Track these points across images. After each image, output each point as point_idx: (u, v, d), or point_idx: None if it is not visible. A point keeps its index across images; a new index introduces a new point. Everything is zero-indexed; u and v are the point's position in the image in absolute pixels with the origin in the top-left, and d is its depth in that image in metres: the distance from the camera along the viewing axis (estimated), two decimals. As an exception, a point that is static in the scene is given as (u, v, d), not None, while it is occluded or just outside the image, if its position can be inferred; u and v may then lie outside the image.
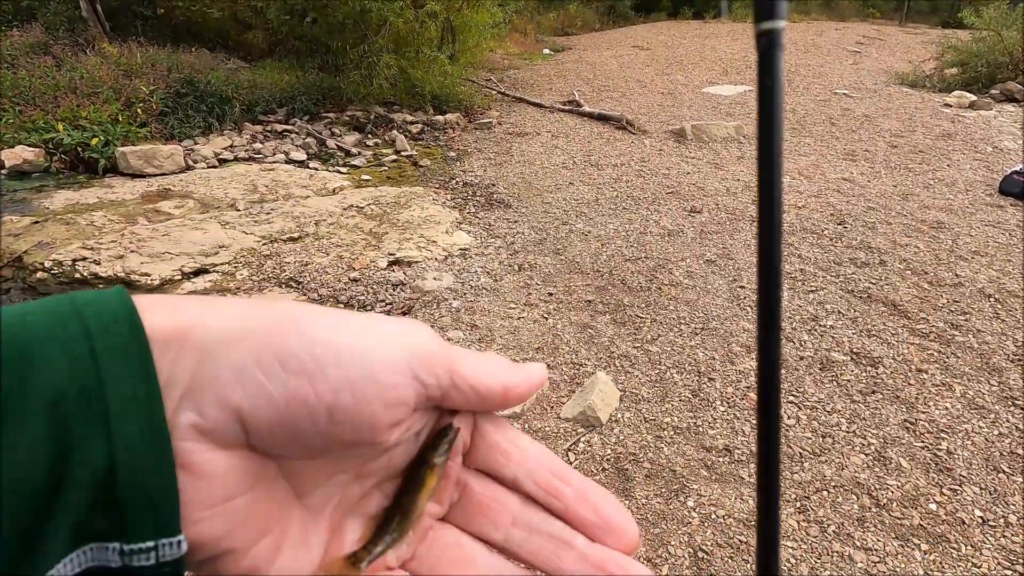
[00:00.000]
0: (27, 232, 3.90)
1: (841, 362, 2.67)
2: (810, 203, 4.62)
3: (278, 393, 0.22)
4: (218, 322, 0.23)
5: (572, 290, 3.40)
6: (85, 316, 0.20)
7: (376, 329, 0.25)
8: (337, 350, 0.24)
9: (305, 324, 0.24)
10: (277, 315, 0.24)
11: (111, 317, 0.21)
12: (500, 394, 0.27)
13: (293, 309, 0.24)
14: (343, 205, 4.56)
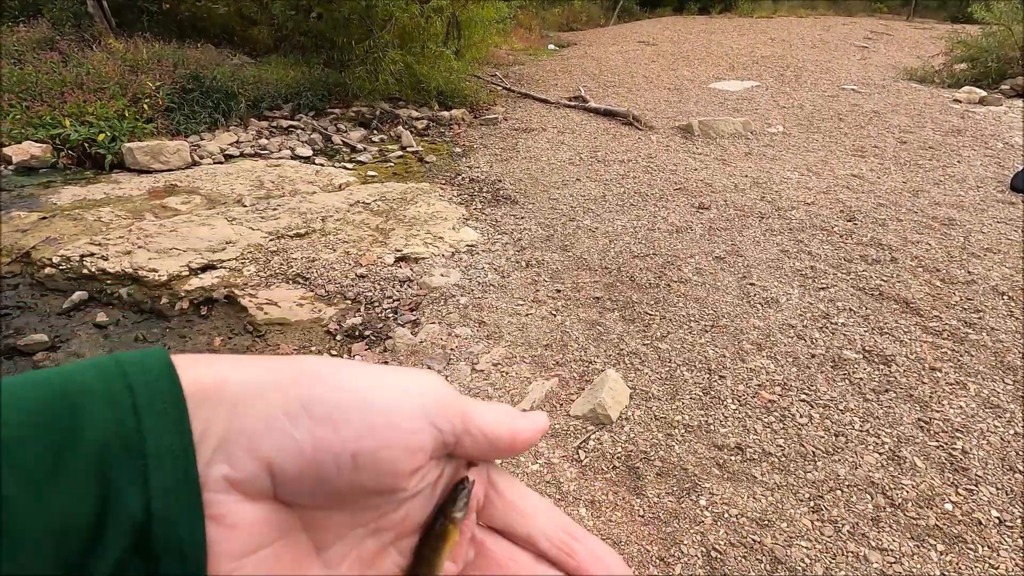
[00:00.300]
0: (35, 228, 3.90)
1: (853, 360, 2.64)
2: (819, 199, 4.58)
3: (305, 441, 0.24)
4: (247, 376, 0.24)
5: (580, 287, 3.38)
6: (129, 373, 0.22)
7: (394, 378, 0.27)
8: (360, 397, 0.25)
9: (328, 374, 0.25)
10: (302, 367, 0.25)
11: (152, 374, 0.23)
12: (508, 440, 0.29)
13: (316, 361, 0.26)
14: (349, 201, 4.54)
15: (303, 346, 2.94)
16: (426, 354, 2.81)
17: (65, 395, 0.21)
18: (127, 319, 3.23)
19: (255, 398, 0.24)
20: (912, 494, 1.94)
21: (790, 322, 2.95)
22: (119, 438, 0.21)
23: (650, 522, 1.89)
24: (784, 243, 3.85)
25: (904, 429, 2.24)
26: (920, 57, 10.36)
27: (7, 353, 2.96)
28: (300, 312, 3.20)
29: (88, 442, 0.20)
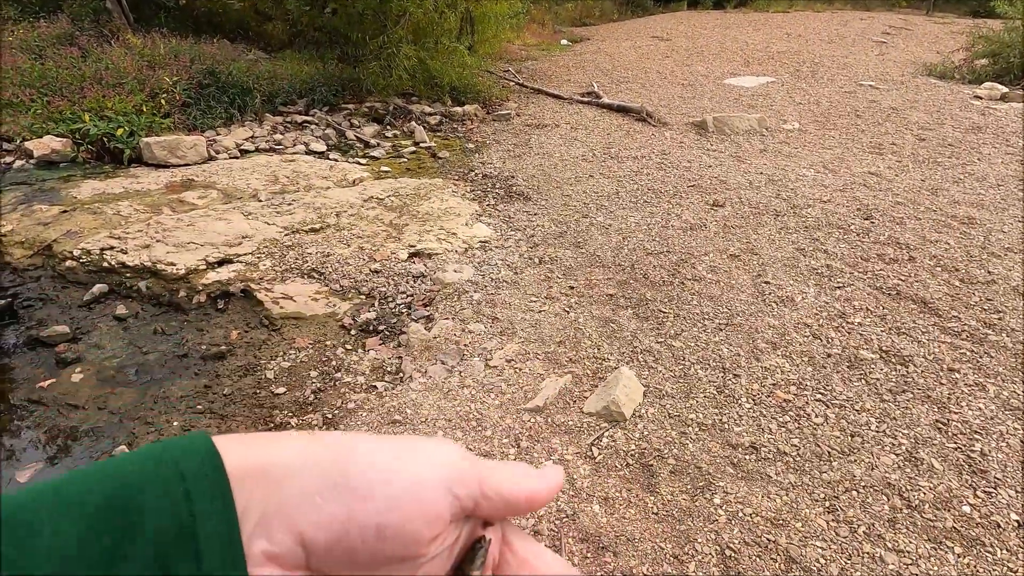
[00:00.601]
0: (56, 221, 3.96)
1: (870, 360, 2.62)
2: (835, 197, 4.54)
3: (336, 516, 0.26)
4: (283, 457, 0.27)
5: (594, 284, 3.38)
6: (179, 460, 0.25)
7: (414, 450, 0.29)
8: (386, 473, 0.28)
9: (357, 451, 0.28)
10: (333, 445, 0.28)
11: (199, 460, 0.25)
12: (525, 501, 0.31)
13: (345, 439, 0.29)
14: (363, 197, 4.57)
15: (317, 340, 2.97)
16: (439, 349, 2.82)
17: (126, 486, 0.24)
18: (146, 312, 3.28)
19: (291, 479, 0.26)
20: (929, 496, 1.93)
21: (805, 321, 2.93)
22: (175, 525, 0.23)
23: (664, 520, 1.89)
24: (800, 241, 3.81)
25: (921, 430, 2.22)
26: (940, 52, 10.19)
27: (30, 344, 3.01)
28: (315, 306, 3.23)
29: (148, 532, 0.23)
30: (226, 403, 2.59)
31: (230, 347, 2.96)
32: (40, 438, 2.49)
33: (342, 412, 2.48)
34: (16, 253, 3.70)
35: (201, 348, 2.97)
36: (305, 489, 0.26)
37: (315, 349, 2.91)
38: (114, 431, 2.49)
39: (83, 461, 2.36)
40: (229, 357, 2.90)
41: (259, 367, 2.80)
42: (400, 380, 2.64)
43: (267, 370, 2.77)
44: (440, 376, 2.64)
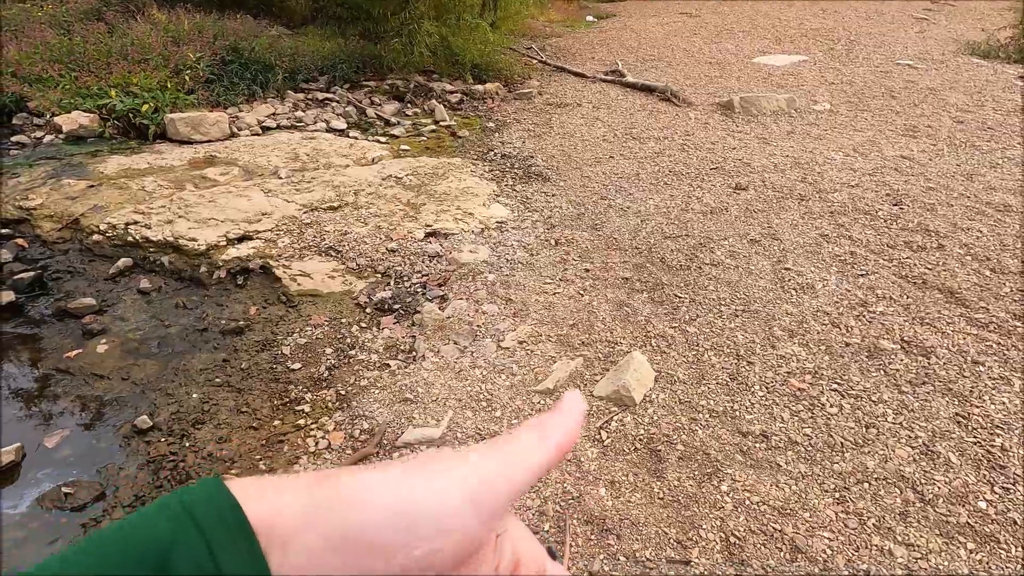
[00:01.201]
0: (83, 196, 4.06)
1: (890, 350, 2.56)
2: (864, 182, 4.39)
3: (350, 568, 0.26)
4: (294, 508, 0.26)
5: (609, 267, 3.35)
6: (196, 516, 0.25)
7: (426, 476, 0.28)
8: (397, 512, 0.27)
9: (362, 494, 0.27)
10: (337, 491, 0.27)
11: (217, 513, 0.25)
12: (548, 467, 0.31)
13: (355, 482, 0.28)
14: (382, 175, 4.57)
15: (333, 317, 3.01)
16: (453, 330, 2.84)
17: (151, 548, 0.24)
18: (168, 286, 3.36)
19: (300, 533, 0.26)
20: (944, 490, 1.89)
21: (825, 309, 2.87)
22: None
23: (669, 505, 1.89)
24: (824, 227, 3.72)
25: (940, 423, 2.16)
26: (985, 30, 9.70)
27: (59, 315, 3.11)
28: (332, 284, 3.27)
29: None
30: (243, 377, 2.65)
31: (248, 322, 3.02)
32: (68, 406, 2.58)
33: (355, 389, 2.52)
34: (45, 226, 3.80)
35: (220, 323, 3.03)
36: (316, 548, 0.26)
37: (331, 326, 2.95)
38: (136, 401, 2.57)
39: (108, 430, 2.45)
40: (247, 332, 2.96)
41: (276, 343, 2.85)
42: (413, 359, 2.67)
43: (283, 346, 2.82)
44: (452, 356, 2.66)
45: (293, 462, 2.18)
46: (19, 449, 2.29)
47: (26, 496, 2.16)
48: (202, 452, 2.27)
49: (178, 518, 0.25)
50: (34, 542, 2.00)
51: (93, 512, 2.09)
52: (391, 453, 2.17)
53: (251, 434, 2.35)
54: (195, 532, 0.24)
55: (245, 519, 0.25)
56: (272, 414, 2.45)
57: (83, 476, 2.23)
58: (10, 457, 2.24)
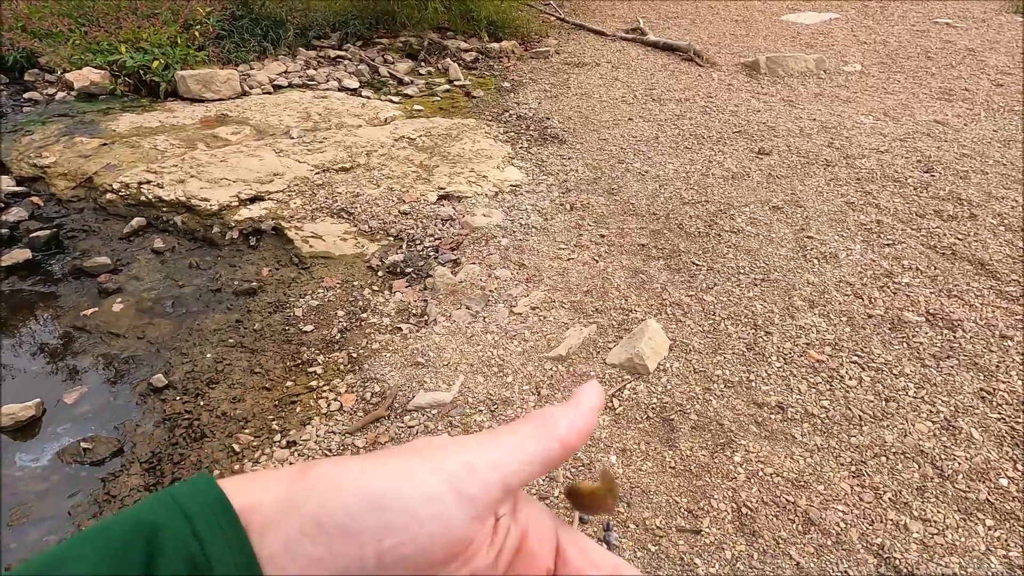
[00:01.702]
0: (96, 154, 4.03)
1: (915, 323, 2.48)
2: (894, 147, 4.22)
3: (325, 555, 0.26)
4: (271, 498, 0.27)
5: (625, 233, 3.27)
6: (183, 505, 0.26)
7: (407, 461, 0.28)
8: (372, 500, 0.26)
9: (342, 483, 0.27)
10: (314, 480, 0.27)
11: (204, 501, 0.26)
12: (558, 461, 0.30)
13: (332, 471, 0.28)
14: (394, 136, 4.48)
15: (345, 280, 2.99)
16: (465, 294, 2.81)
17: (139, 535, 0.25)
18: (182, 246, 3.35)
19: (276, 524, 0.26)
20: (964, 466, 1.85)
21: (848, 279, 2.78)
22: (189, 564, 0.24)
23: (681, 474, 1.88)
24: (850, 194, 3.58)
25: (963, 398, 2.11)
26: (1032, -14, 9.13)
27: (75, 273, 3.13)
28: (344, 247, 3.24)
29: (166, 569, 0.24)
30: (256, 338, 2.66)
31: (261, 284, 3.02)
32: (85, 363, 2.62)
33: (367, 352, 2.51)
34: (60, 184, 3.80)
35: (233, 284, 3.03)
36: (292, 536, 0.26)
37: (343, 289, 2.93)
38: (152, 360, 2.60)
39: (124, 388, 2.48)
40: (260, 293, 2.95)
41: (288, 304, 2.85)
42: (424, 323, 2.65)
43: (296, 307, 2.81)
44: (464, 321, 2.64)
45: (305, 423, 2.19)
46: (39, 405, 2.33)
47: (47, 450, 2.21)
48: (216, 411, 2.30)
49: (166, 506, 0.26)
50: (55, 495, 2.05)
51: (111, 467, 2.14)
52: (402, 416, 2.17)
53: (264, 395, 2.37)
54: (181, 517, 0.25)
55: (230, 506, 0.26)
56: (285, 375, 2.46)
57: (101, 432, 2.27)
58: (30, 412, 2.28)
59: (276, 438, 2.14)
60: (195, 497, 0.26)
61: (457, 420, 2.14)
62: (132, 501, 1.99)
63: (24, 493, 2.06)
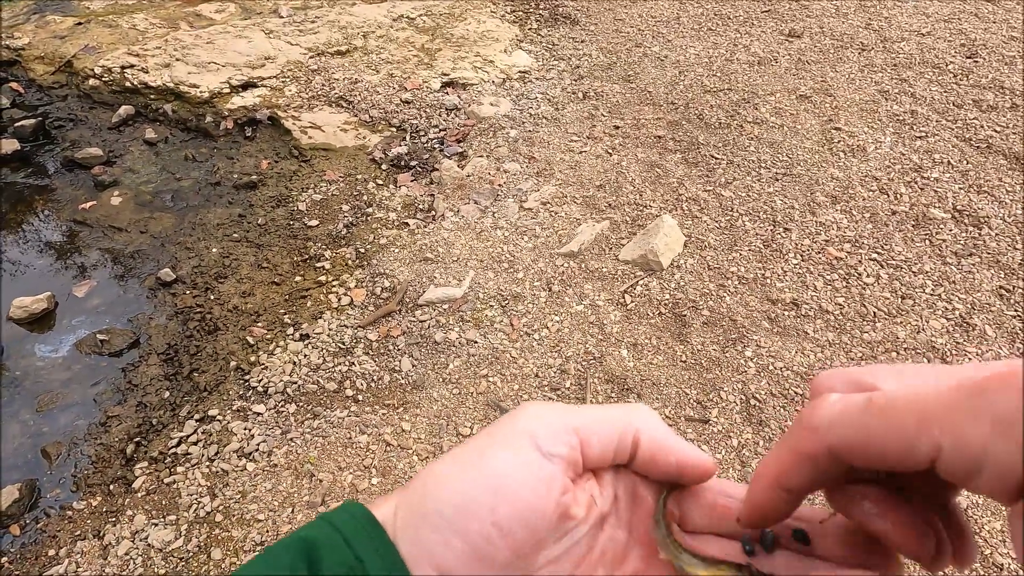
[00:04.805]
0: (72, 35, 3.74)
1: (940, 220, 2.40)
2: (937, 29, 3.87)
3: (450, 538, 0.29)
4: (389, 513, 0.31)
5: (641, 124, 3.09)
6: (334, 522, 0.30)
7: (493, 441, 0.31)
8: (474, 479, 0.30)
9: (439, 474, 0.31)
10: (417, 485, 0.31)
11: (351, 517, 0.30)
12: None
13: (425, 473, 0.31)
14: (393, 15, 4.12)
15: (348, 173, 2.88)
16: (473, 188, 2.71)
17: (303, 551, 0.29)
18: (175, 136, 3.20)
19: (403, 529, 0.30)
20: (974, 361, 1.86)
21: (875, 174, 2.66)
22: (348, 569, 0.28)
23: (691, 368, 1.90)
24: (884, 82, 3.34)
25: (981, 296, 2.08)
26: None
27: (68, 165, 3.02)
28: (344, 138, 3.09)
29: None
30: (261, 233, 2.61)
31: (261, 177, 2.91)
32: (90, 258, 2.59)
33: (374, 247, 2.47)
34: (38, 69, 3.56)
35: (233, 177, 2.93)
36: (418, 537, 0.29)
37: (346, 183, 2.83)
38: (157, 254, 2.57)
39: (133, 282, 2.47)
40: (261, 187, 2.86)
41: (291, 198, 2.76)
42: (432, 218, 2.58)
43: (299, 202, 2.73)
44: (473, 216, 2.56)
45: (317, 317, 2.20)
46: (50, 298, 2.33)
47: (64, 342, 2.25)
48: (227, 305, 2.30)
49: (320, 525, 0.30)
50: (79, 383, 2.11)
51: (130, 358, 2.18)
52: (413, 311, 2.17)
53: (274, 289, 2.36)
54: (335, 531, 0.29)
55: (374, 518, 0.30)
56: (293, 270, 2.43)
57: (116, 324, 2.29)
58: (42, 305, 2.29)
59: (289, 331, 2.15)
60: (343, 515, 0.30)
61: (468, 315, 2.14)
62: (154, 391, 2.04)
63: (49, 381, 2.12)
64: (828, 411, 0.26)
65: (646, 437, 0.32)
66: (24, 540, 1.65)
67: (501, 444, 0.31)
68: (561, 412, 0.32)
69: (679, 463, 0.32)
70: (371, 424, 1.82)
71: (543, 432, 0.30)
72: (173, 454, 1.81)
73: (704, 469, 0.32)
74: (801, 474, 0.27)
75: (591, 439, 0.31)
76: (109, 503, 1.71)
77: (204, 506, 1.65)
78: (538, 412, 0.32)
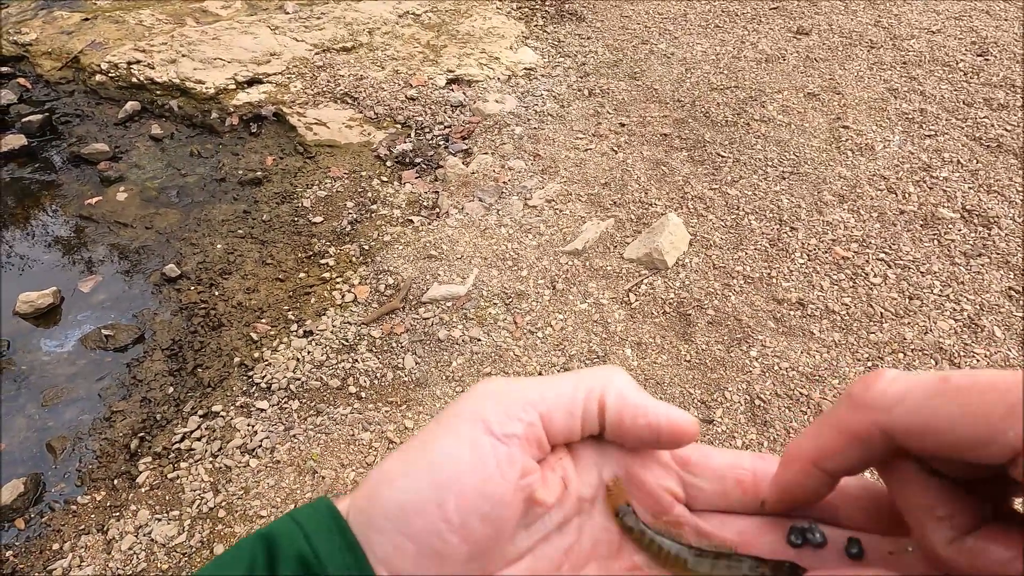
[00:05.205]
0: (79, 30, 3.75)
1: (948, 220, 2.37)
2: (947, 27, 3.83)
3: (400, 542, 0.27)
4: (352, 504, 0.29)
5: (647, 121, 3.07)
6: (297, 517, 0.29)
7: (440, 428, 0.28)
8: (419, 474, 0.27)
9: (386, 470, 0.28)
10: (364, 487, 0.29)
11: (314, 513, 0.29)
12: None
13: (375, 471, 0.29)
14: (398, 12, 4.11)
15: (353, 170, 2.87)
16: (477, 186, 2.70)
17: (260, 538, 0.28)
18: (180, 132, 3.21)
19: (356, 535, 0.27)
20: (982, 363, 1.84)
21: (883, 173, 2.63)
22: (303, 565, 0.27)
23: (696, 367, 1.89)
24: (893, 80, 3.31)
25: (990, 297, 2.06)
26: None
27: (74, 161, 3.03)
28: (349, 135, 3.08)
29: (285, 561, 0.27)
30: (265, 229, 2.61)
31: (266, 173, 2.91)
32: (96, 253, 2.60)
33: (378, 244, 2.46)
34: (46, 65, 3.57)
35: (238, 173, 2.93)
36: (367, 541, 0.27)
37: (351, 179, 2.83)
38: (162, 250, 2.57)
39: (138, 277, 2.48)
40: (265, 183, 2.86)
41: (296, 195, 2.76)
42: (436, 215, 2.58)
43: (304, 198, 2.73)
44: (477, 213, 2.56)
45: (321, 313, 2.20)
46: (56, 293, 2.34)
47: (70, 336, 2.26)
48: (231, 301, 2.30)
49: (284, 520, 0.28)
50: (84, 378, 2.11)
51: (134, 353, 2.18)
52: (416, 308, 2.17)
53: (278, 285, 2.36)
54: (294, 525, 0.28)
55: (337, 512, 0.28)
56: (297, 267, 2.44)
57: (120, 320, 2.30)
58: (48, 300, 2.30)
59: (293, 328, 2.15)
60: (308, 510, 0.28)
61: (472, 313, 2.13)
62: (159, 386, 2.05)
63: (54, 376, 2.13)
64: (888, 388, 0.23)
65: (612, 398, 0.28)
66: (29, 534, 1.66)
67: (446, 430, 0.28)
68: (517, 386, 0.29)
69: (651, 425, 0.28)
70: (374, 421, 1.82)
71: (494, 411, 0.27)
72: (177, 449, 1.81)
73: (683, 430, 0.28)
74: (846, 455, 0.24)
75: (553, 411, 0.28)
76: (113, 498, 1.71)
77: (207, 502, 1.66)
78: (489, 390, 0.29)
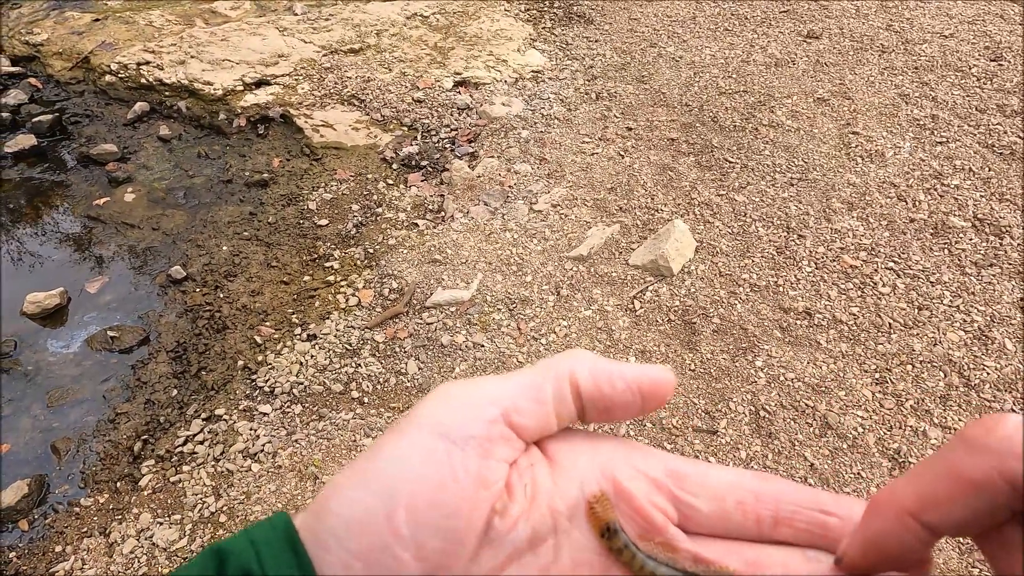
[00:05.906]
0: (90, 31, 3.78)
1: (959, 228, 2.34)
2: (960, 31, 3.78)
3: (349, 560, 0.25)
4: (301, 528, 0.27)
5: (655, 125, 3.05)
6: (251, 533, 0.27)
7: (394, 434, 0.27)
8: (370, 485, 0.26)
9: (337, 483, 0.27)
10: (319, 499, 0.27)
11: (270, 529, 0.27)
12: None
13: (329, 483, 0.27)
14: (406, 13, 4.11)
15: (359, 172, 2.87)
16: (483, 190, 2.69)
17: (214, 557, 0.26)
18: (188, 133, 3.22)
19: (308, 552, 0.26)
20: (993, 376, 1.81)
21: (893, 180, 2.60)
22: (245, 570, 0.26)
23: (700, 377, 1.87)
24: (904, 85, 3.27)
25: (1001, 308, 2.03)
26: None
27: (83, 161, 3.05)
28: (356, 137, 3.08)
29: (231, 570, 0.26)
30: (271, 231, 2.62)
31: (272, 175, 2.92)
32: (103, 254, 2.62)
33: (383, 248, 2.46)
34: (56, 65, 3.60)
35: (244, 174, 2.94)
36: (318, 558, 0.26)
37: (356, 182, 2.83)
38: (168, 251, 2.58)
39: (144, 279, 2.49)
40: (272, 185, 2.86)
41: (301, 197, 2.77)
42: (442, 219, 2.57)
43: (309, 200, 2.73)
44: (482, 217, 2.55)
45: (325, 317, 2.20)
46: (63, 293, 2.36)
47: (76, 337, 2.27)
48: (236, 303, 2.31)
49: (239, 536, 0.27)
50: (89, 380, 2.13)
51: (139, 355, 2.19)
52: (420, 313, 2.16)
53: (282, 288, 2.37)
54: (247, 541, 0.26)
55: (292, 529, 0.26)
56: (302, 269, 2.44)
57: (126, 321, 2.31)
58: (55, 300, 2.31)
59: (297, 331, 2.15)
60: (263, 526, 0.27)
61: (476, 318, 2.12)
62: (163, 389, 2.06)
63: (60, 377, 2.14)
64: (1015, 434, 0.20)
65: (584, 373, 0.27)
66: (32, 535, 1.67)
67: (399, 437, 0.26)
68: (477, 385, 0.27)
69: (631, 387, 0.27)
70: (376, 427, 1.82)
71: (449, 414, 0.26)
72: (179, 453, 1.82)
73: (663, 380, 0.27)
74: (956, 506, 0.20)
75: (518, 403, 0.26)
76: (116, 500, 1.72)
77: (209, 506, 1.66)
78: (446, 392, 0.27)
